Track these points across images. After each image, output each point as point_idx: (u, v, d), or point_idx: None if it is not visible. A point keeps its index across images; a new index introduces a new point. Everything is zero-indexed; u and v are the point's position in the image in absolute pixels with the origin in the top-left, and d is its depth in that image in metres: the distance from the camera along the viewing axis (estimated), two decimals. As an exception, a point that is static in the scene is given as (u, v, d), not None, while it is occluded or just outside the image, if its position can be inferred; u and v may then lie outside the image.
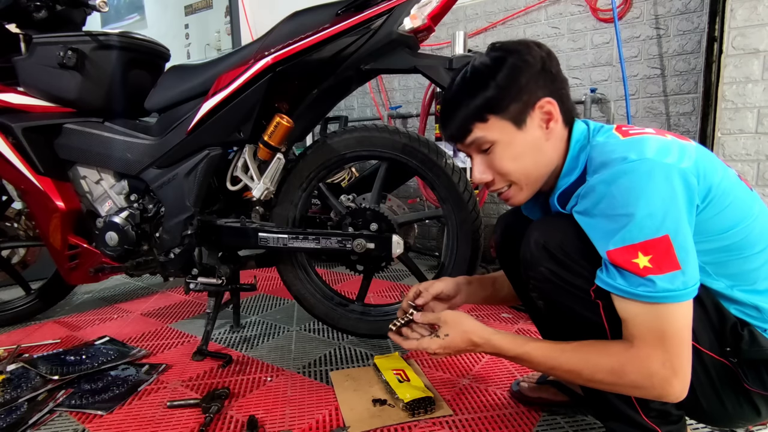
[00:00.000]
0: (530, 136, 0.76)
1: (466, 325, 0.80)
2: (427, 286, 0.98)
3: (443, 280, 0.99)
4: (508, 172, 0.77)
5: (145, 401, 1.11)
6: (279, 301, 1.89)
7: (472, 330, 0.79)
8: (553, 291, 0.75)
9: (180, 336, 1.52)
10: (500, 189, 0.80)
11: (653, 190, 0.64)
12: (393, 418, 1.00)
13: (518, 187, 0.79)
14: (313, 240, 1.21)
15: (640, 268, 0.64)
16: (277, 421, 1.01)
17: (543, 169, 0.78)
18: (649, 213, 0.63)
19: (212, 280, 1.28)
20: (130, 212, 1.32)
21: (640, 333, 0.66)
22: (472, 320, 0.81)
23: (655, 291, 0.63)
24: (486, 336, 0.78)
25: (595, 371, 0.69)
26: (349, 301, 1.37)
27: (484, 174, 0.79)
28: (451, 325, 0.81)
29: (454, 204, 1.24)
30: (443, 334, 0.80)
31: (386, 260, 1.25)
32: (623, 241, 0.65)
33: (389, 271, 2.36)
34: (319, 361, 1.31)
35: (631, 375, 0.66)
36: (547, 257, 0.74)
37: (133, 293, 2.05)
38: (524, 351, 0.75)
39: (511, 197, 0.80)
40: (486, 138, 0.76)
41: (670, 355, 0.65)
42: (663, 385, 0.65)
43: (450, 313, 0.83)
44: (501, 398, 1.09)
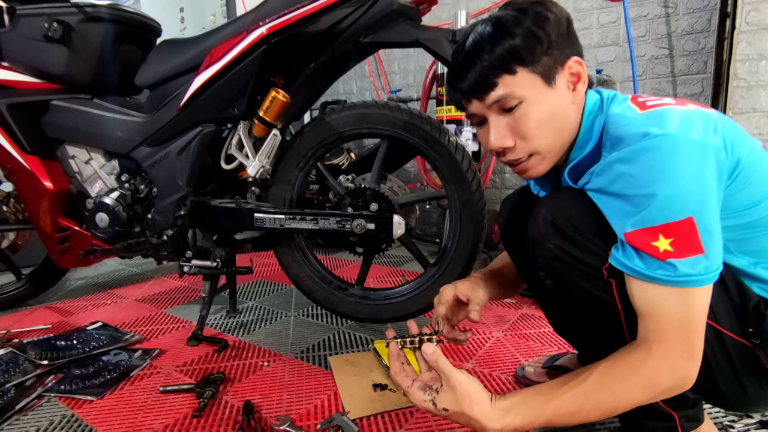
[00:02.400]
0: (559, 96, 0.69)
1: (474, 411, 0.62)
2: (441, 293, 0.85)
3: (455, 283, 0.87)
4: (534, 136, 0.68)
5: (137, 386, 1.08)
6: (276, 286, 1.85)
7: (480, 419, 0.62)
8: (562, 270, 0.70)
9: (175, 321, 1.49)
10: (519, 158, 0.71)
11: (677, 169, 0.59)
12: (394, 402, 0.97)
13: (540, 157, 0.71)
14: (311, 221, 1.17)
15: (660, 251, 0.59)
16: (274, 407, 0.98)
17: (566, 137, 0.71)
18: (672, 193, 0.58)
19: (207, 262, 1.24)
20: (121, 193, 1.27)
21: (657, 323, 0.61)
22: (483, 403, 0.62)
23: (675, 275, 0.59)
24: (499, 426, 0.62)
25: (631, 398, 0.62)
26: (349, 285, 1.32)
27: (505, 139, 0.70)
28: (456, 400, 0.63)
29: (457, 184, 1.19)
30: (441, 405, 0.64)
31: (387, 241, 1.21)
32: (642, 223, 0.60)
33: (389, 257, 2.32)
34: (317, 346, 1.28)
35: (661, 383, 0.61)
36: (555, 234, 0.70)
37: (127, 279, 2.00)
38: (547, 417, 0.62)
39: (530, 168, 0.72)
40: (514, 94, 0.67)
41: (688, 342, 0.60)
42: (684, 377, 0.61)
43: (461, 382, 0.63)
44: (506, 383, 1.06)
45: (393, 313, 1.26)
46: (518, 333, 1.33)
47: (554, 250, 0.70)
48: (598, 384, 0.62)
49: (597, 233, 0.67)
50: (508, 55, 0.66)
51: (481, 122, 0.74)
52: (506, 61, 0.66)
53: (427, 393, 0.66)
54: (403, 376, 0.70)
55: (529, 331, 1.35)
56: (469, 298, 0.83)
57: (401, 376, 0.70)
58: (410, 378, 0.69)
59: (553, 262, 0.70)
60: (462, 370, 0.66)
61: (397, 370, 0.71)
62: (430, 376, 0.70)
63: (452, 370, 0.65)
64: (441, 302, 0.83)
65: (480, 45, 0.68)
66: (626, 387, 0.61)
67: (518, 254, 0.93)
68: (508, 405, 0.63)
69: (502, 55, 0.66)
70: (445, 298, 0.84)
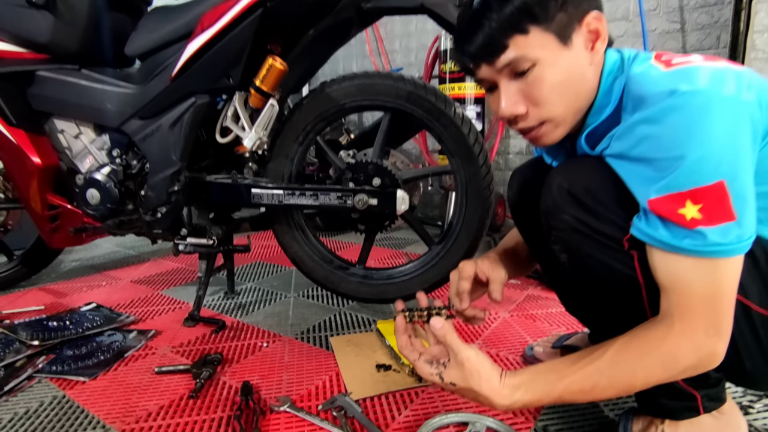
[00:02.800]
0: (576, 56, 0.63)
1: (483, 387, 0.60)
2: (462, 268, 0.80)
3: (476, 260, 0.82)
4: (548, 102, 0.63)
5: (132, 367, 1.04)
6: (276, 268, 1.81)
7: (488, 395, 0.60)
8: (578, 242, 0.65)
9: (171, 302, 1.45)
10: (531, 125, 0.66)
11: (709, 128, 0.53)
12: (398, 383, 0.93)
13: (554, 123, 0.65)
14: (310, 196, 1.12)
15: (687, 219, 0.54)
16: (274, 388, 0.94)
17: (583, 102, 0.65)
18: (703, 155, 0.53)
19: (203, 240, 1.19)
20: (113, 168, 1.22)
21: (681, 297, 0.56)
22: (491, 379, 0.60)
23: (704, 245, 0.54)
24: (507, 402, 0.60)
25: (649, 376, 0.58)
26: (350, 264, 1.28)
27: (517, 105, 0.64)
28: (464, 376, 0.61)
29: (464, 157, 1.14)
30: (448, 380, 0.61)
31: (390, 218, 1.16)
32: (668, 189, 0.55)
33: (391, 239, 2.28)
34: (318, 327, 1.24)
35: (683, 360, 0.57)
36: (572, 203, 0.65)
37: (123, 261, 1.96)
38: (558, 394, 0.59)
39: (543, 135, 0.67)
40: (527, 56, 0.61)
41: (715, 318, 0.56)
42: (709, 355, 0.57)
43: (470, 358, 0.61)
44: (514, 363, 1.02)
45: (396, 292, 1.22)
46: (525, 313, 1.30)
47: (570, 221, 0.65)
48: (614, 361, 0.58)
49: (617, 202, 0.62)
50: (519, 13, 0.60)
51: (492, 88, 0.68)
52: (517, 20, 0.61)
53: (434, 366, 0.63)
54: (410, 350, 0.67)
55: (536, 312, 1.31)
56: (489, 276, 0.78)
57: (408, 349, 0.67)
58: (417, 351, 0.66)
59: (568, 234, 0.66)
60: (471, 346, 0.62)
61: (403, 343, 0.68)
62: (439, 350, 0.67)
63: (461, 345, 0.62)
64: (463, 277, 0.78)
65: (488, 2, 0.62)
66: (644, 364, 0.57)
67: (529, 230, 0.89)
68: (518, 382, 0.60)
69: (513, 12, 0.60)
70: (467, 273, 0.79)
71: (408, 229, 2.45)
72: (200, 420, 0.84)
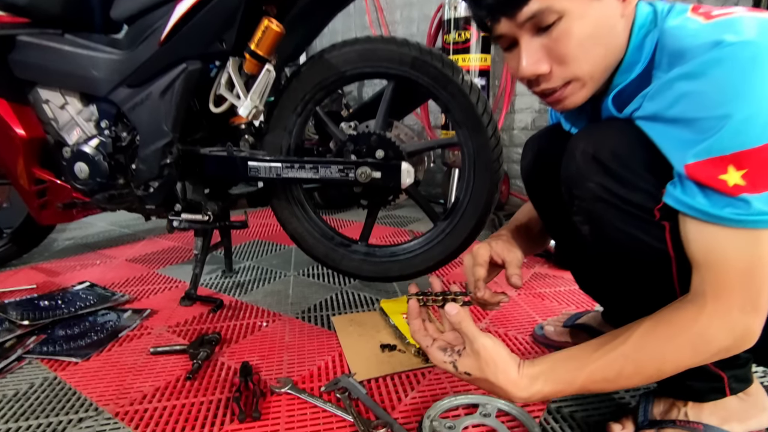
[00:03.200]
0: (607, 7, 0.56)
1: (499, 378, 0.56)
2: (476, 253, 0.74)
3: (489, 242, 0.76)
4: (575, 59, 0.57)
5: (126, 348, 1.00)
6: (275, 246, 1.76)
7: (505, 387, 0.56)
8: (604, 212, 0.60)
9: (167, 281, 1.40)
10: (554, 86, 0.59)
11: (759, 84, 0.47)
12: (404, 364, 0.89)
13: (580, 83, 0.59)
14: (310, 169, 1.06)
15: (729, 186, 0.49)
16: (274, 368, 0.90)
17: (612, 59, 0.59)
18: (752, 114, 0.47)
19: (198, 216, 1.14)
20: (101, 140, 1.15)
21: (717, 273, 0.52)
22: (509, 370, 0.56)
23: (747, 214, 0.49)
24: (526, 394, 0.55)
25: (679, 360, 0.53)
26: (352, 241, 1.23)
27: (539, 64, 0.57)
28: (480, 366, 0.57)
29: (472, 128, 1.08)
30: (463, 369, 0.58)
31: (394, 192, 1.11)
32: (709, 152, 0.49)
33: (393, 217, 2.23)
34: (319, 306, 1.20)
35: (716, 342, 0.52)
36: (597, 170, 0.59)
37: (117, 239, 1.91)
38: (581, 384, 0.55)
39: (567, 97, 0.60)
40: (552, 7, 0.54)
41: (752, 294, 0.51)
42: (745, 335, 0.52)
43: (486, 347, 0.56)
44: (523, 343, 0.98)
45: (400, 270, 1.17)
46: (533, 292, 1.26)
47: (595, 189, 0.59)
48: (640, 345, 0.53)
49: (648, 168, 0.56)
50: None
51: (511, 45, 0.61)
52: None
53: (448, 354, 0.59)
54: (423, 335, 0.63)
55: (544, 290, 1.27)
56: (505, 259, 0.73)
57: (420, 334, 0.63)
58: (430, 337, 0.62)
59: (593, 203, 0.60)
60: (487, 334, 0.58)
61: (416, 328, 0.63)
62: (453, 336, 0.62)
63: (477, 333, 0.57)
64: (479, 263, 0.72)
65: None
66: (673, 348, 0.52)
67: (544, 202, 0.84)
68: (537, 372, 0.55)
69: None
70: (482, 258, 0.73)
71: (411, 207, 2.40)
72: (197, 402, 0.80)
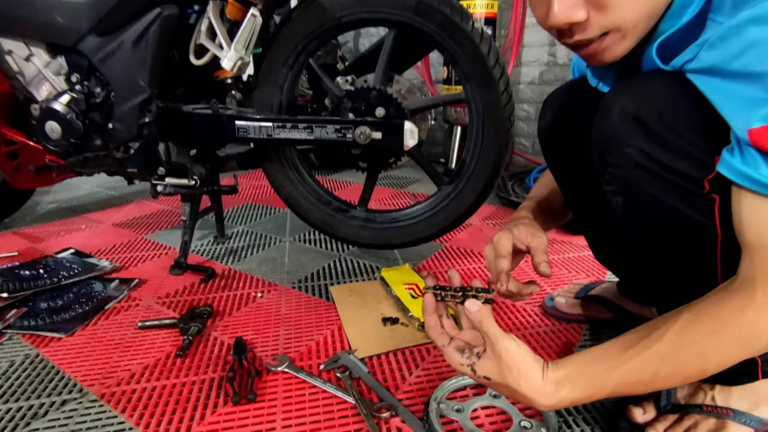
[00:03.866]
0: None
1: (522, 385, 0.49)
2: (497, 243, 0.66)
3: (510, 228, 0.68)
4: (616, 3, 0.47)
5: (113, 321, 0.94)
6: (270, 210, 1.69)
7: (528, 394, 0.49)
8: (642, 182, 0.52)
9: (157, 248, 1.33)
10: (590, 37, 0.50)
11: None
12: (407, 339, 0.84)
13: (620, 34, 0.50)
14: (304, 129, 0.97)
15: None
16: (270, 344, 0.85)
17: (658, 5, 0.49)
18: None
19: (183, 181, 1.06)
20: (73, 97, 1.05)
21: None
22: (533, 377, 0.49)
23: None
24: (551, 402, 0.49)
25: (724, 358, 0.46)
26: (350, 206, 1.16)
27: (575, 8, 0.48)
28: (501, 371, 0.50)
29: (481, 82, 0.98)
30: (482, 373, 0.51)
31: (396, 154, 1.02)
32: None
33: (393, 178, 2.15)
34: (316, 275, 1.14)
35: (767, 335, 0.45)
36: (638, 132, 0.51)
37: (105, 202, 1.83)
38: (613, 388, 0.48)
39: (605, 50, 0.51)
40: None
41: None
42: None
43: (509, 350, 0.50)
44: (532, 315, 0.93)
45: (402, 237, 1.11)
46: (540, 258, 1.20)
47: (635, 155, 0.51)
48: (678, 343, 0.46)
49: (699, 131, 0.48)
50: None
51: None
52: None
53: (466, 356, 0.53)
54: (438, 333, 0.56)
55: (552, 257, 1.21)
56: (530, 245, 0.65)
57: (436, 332, 0.57)
58: (447, 335, 0.56)
59: (631, 171, 0.52)
60: (511, 335, 0.51)
61: (432, 324, 0.57)
62: (473, 336, 0.56)
63: (499, 334, 0.51)
64: (502, 255, 0.65)
65: None
66: (718, 344, 0.46)
67: (564, 168, 0.76)
68: (562, 376, 0.49)
69: None
70: (505, 249, 0.65)
71: (412, 167, 2.30)
72: (189, 382, 0.75)
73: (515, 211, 0.75)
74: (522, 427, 0.63)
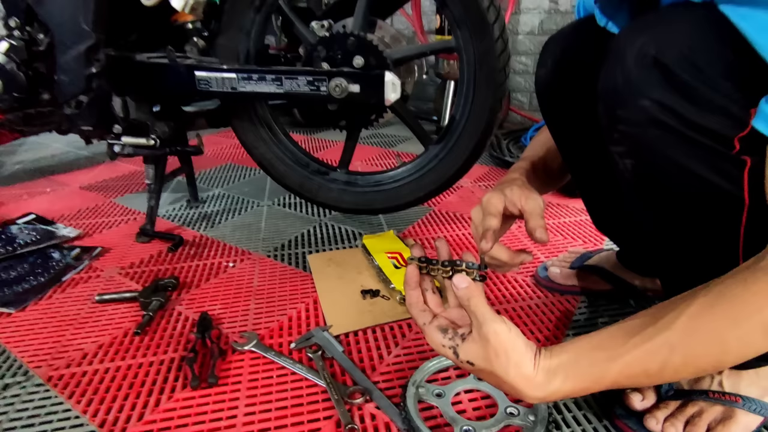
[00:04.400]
0: None
1: (510, 374, 0.42)
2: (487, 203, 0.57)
3: (502, 189, 0.58)
4: None
5: (70, 294, 0.87)
6: (248, 171, 1.59)
7: (516, 384, 0.42)
8: (660, 141, 0.44)
9: (124, 213, 1.24)
10: None
11: None
12: (387, 314, 0.78)
13: None
14: (272, 81, 0.86)
15: None
16: (239, 320, 0.78)
17: None
18: None
19: (141, 140, 0.95)
20: (12, 44, 0.92)
21: None
22: (523, 364, 0.42)
23: None
24: (542, 394, 0.42)
25: (745, 348, 0.38)
26: (330, 168, 1.06)
27: None
28: (487, 356, 0.43)
29: (473, 28, 0.86)
30: (465, 358, 0.44)
31: (376, 110, 0.92)
32: None
33: (378, 136, 2.04)
34: (294, 242, 1.06)
35: None
36: (658, 80, 0.41)
37: (73, 163, 1.71)
38: (613, 380, 0.41)
39: None
40: None
41: None
42: None
43: (498, 333, 0.43)
44: (523, 286, 0.87)
45: (386, 202, 1.03)
46: (534, 224, 1.12)
47: (652, 110, 0.42)
48: (693, 331, 0.39)
49: (733, 78, 0.39)
50: None
51: None
52: None
53: (449, 336, 0.46)
54: (420, 310, 0.49)
55: (546, 222, 1.13)
56: (524, 208, 0.56)
57: (417, 308, 0.49)
58: (430, 312, 0.49)
59: (646, 128, 0.44)
60: (502, 318, 0.44)
61: (413, 300, 0.50)
62: (458, 314, 0.49)
63: (489, 315, 0.44)
64: (491, 213, 0.56)
65: None
66: (741, 333, 0.38)
67: (565, 125, 0.66)
68: (555, 365, 0.42)
69: None
70: (495, 208, 0.56)
71: (399, 124, 2.18)
72: (146, 363, 0.69)
73: (506, 173, 0.66)
74: (508, 413, 0.57)
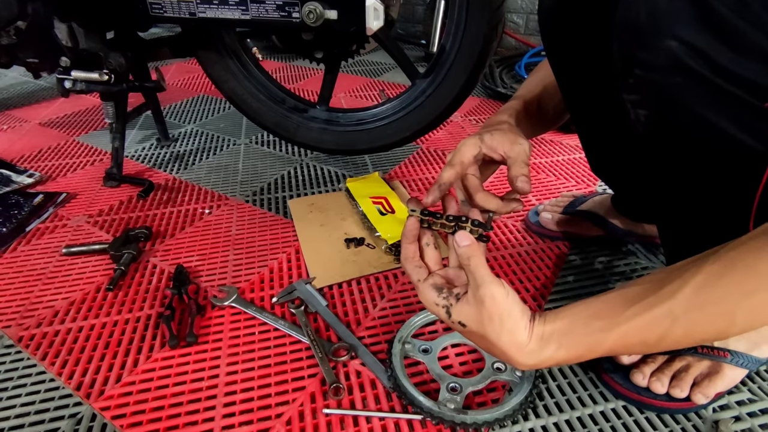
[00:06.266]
0: None
1: (502, 339, 0.40)
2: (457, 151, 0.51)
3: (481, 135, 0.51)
4: None
5: (36, 246, 0.82)
6: (222, 104, 1.48)
7: (507, 350, 0.40)
8: (685, 91, 0.37)
9: (90, 153, 1.16)
10: None
11: None
12: (373, 264, 0.75)
13: None
14: (236, 6, 0.75)
15: None
16: (217, 272, 0.75)
17: None
18: None
19: (93, 75, 0.85)
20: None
21: None
22: (516, 330, 0.40)
23: None
24: (533, 361, 0.40)
25: (753, 318, 0.35)
26: (309, 105, 0.98)
27: None
28: (480, 319, 0.40)
29: (470, -61, 0.75)
30: (457, 318, 0.42)
31: (357, 40, 0.82)
32: None
33: (362, 64, 1.89)
34: (274, 186, 1.00)
35: None
36: (691, 16, 0.35)
37: (31, 95, 1.57)
38: (609, 348, 0.39)
39: None
40: None
41: None
42: None
43: (494, 297, 0.40)
44: (513, 232, 0.84)
45: (370, 141, 0.96)
46: (526, 163, 1.07)
47: (679, 51, 0.36)
48: (698, 301, 0.36)
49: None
50: None
51: None
52: None
53: (443, 296, 0.43)
54: (415, 265, 0.46)
55: (538, 160, 1.09)
56: (507, 154, 0.50)
57: (412, 264, 0.46)
58: (425, 269, 0.46)
59: (668, 74, 0.37)
60: (501, 281, 0.41)
61: (409, 254, 0.47)
62: (455, 274, 0.46)
63: (488, 277, 0.41)
64: (452, 163, 0.50)
65: None
66: (751, 305, 0.35)
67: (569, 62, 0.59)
68: (549, 332, 0.40)
69: None
70: (462, 157, 0.50)
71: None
72: (121, 320, 0.66)
73: (495, 114, 0.59)
74: (495, 369, 0.57)
